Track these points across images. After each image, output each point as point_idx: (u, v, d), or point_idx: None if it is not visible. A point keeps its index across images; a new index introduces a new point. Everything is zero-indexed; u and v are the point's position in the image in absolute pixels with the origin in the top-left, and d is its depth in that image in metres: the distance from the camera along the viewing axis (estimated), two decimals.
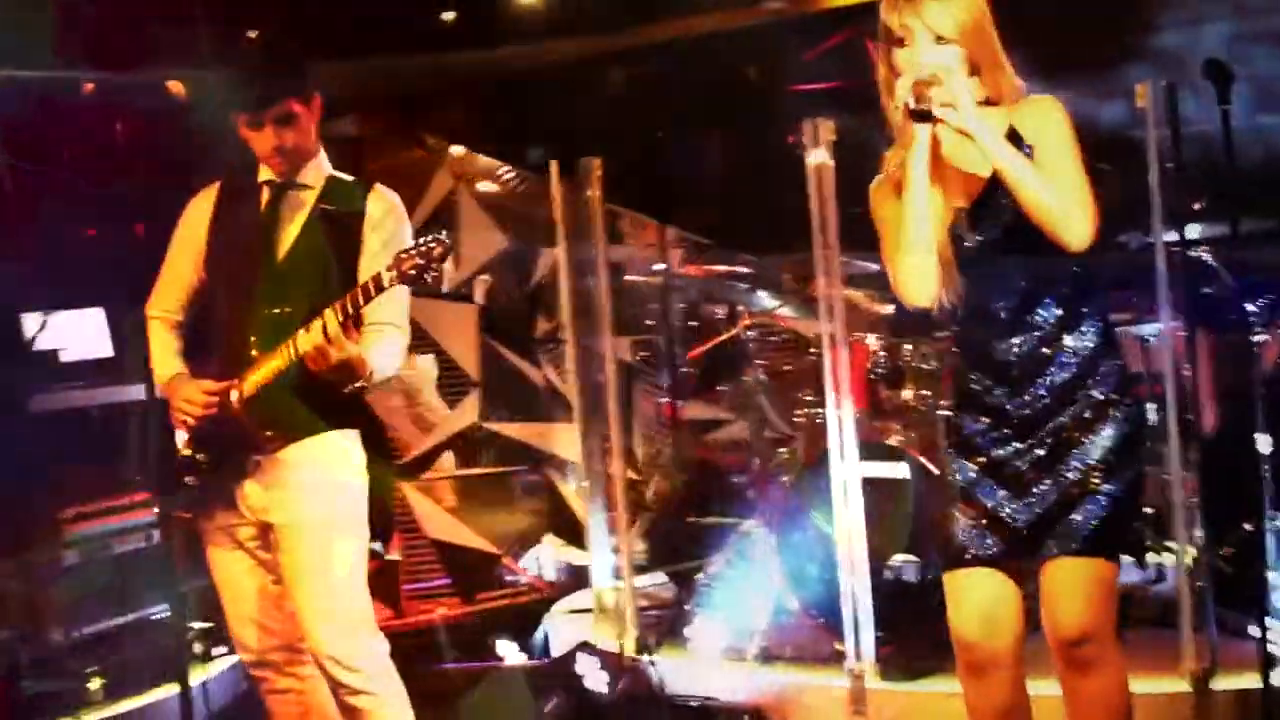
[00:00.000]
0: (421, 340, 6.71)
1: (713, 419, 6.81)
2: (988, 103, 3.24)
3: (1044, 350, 3.29)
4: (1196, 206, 5.04)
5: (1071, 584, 3.24)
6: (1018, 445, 3.31)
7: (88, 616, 5.28)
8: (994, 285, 3.29)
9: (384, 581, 6.82)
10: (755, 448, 5.98)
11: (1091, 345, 3.29)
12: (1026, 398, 3.30)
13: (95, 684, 5.19)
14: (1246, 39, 5.53)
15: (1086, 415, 3.28)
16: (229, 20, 5.29)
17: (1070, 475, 3.27)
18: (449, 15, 5.71)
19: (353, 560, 3.85)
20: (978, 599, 3.32)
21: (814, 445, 5.22)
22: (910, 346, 5.18)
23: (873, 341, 5.27)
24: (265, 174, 3.87)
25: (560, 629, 5.93)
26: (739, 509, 5.72)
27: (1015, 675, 3.36)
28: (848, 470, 4.73)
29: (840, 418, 4.73)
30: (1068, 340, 3.28)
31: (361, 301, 3.51)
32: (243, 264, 3.86)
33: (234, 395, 3.75)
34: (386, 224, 3.85)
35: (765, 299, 5.81)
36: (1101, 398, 3.29)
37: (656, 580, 6.19)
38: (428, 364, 6.93)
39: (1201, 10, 5.40)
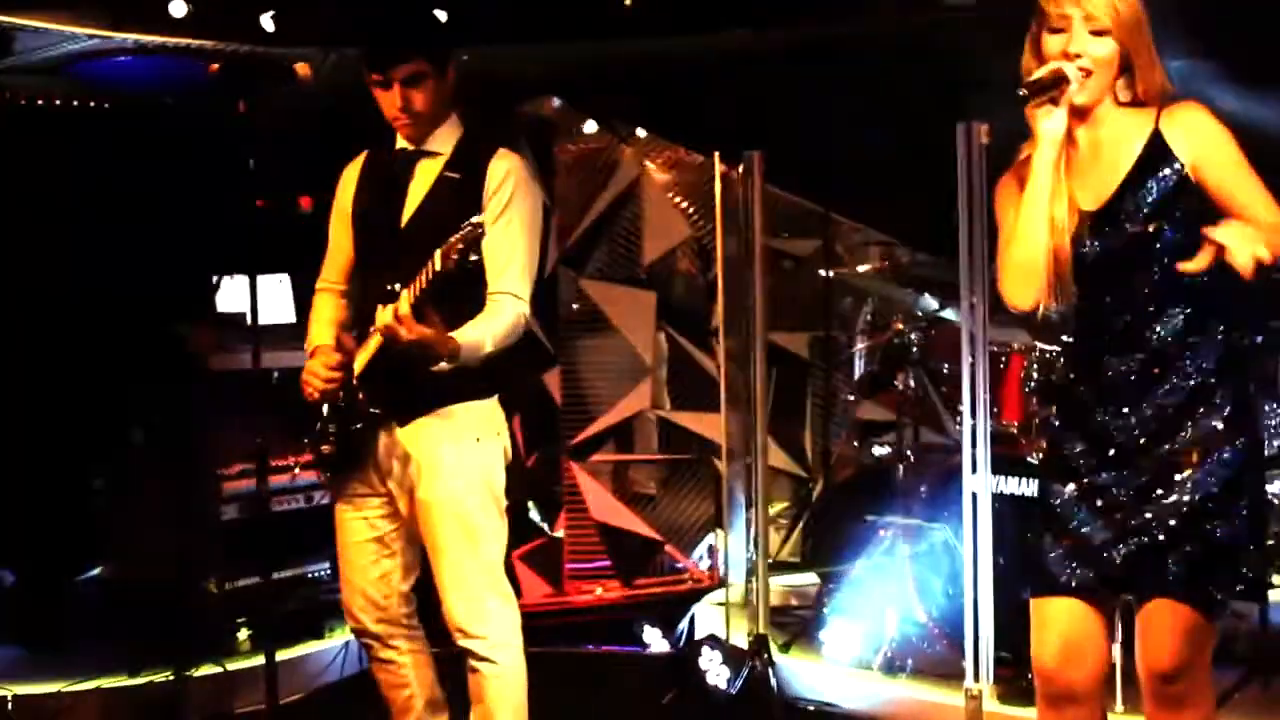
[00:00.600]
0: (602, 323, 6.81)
1: (884, 420, 6.69)
2: (1135, 102, 3.10)
3: (1156, 370, 3.08)
4: None
5: (1167, 627, 3.04)
6: (1120, 472, 3.10)
7: (243, 570, 5.50)
8: (1111, 297, 3.11)
9: (547, 558, 6.96)
10: (906, 452, 5.85)
11: (1209, 369, 3.07)
12: (1134, 420, 3.09)
13: (243, 634, 5.43)
14: None
15: (1197, 445, 3.05)
16: None
17: (1175, 510, 3.04)
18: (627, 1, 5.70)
19: (477, 533, 3.88)
20: (1062, 630, 3.15)
21: (951, 455, 5.09)
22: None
23: (1037, 353, 5.11)
24: (401, 141, 3.93)
25: (702, 620, 5.92)
26: (891, 513, 5.61)
27: (1094, 711, 3.21)
28: (977, 483, 4.60)
29: (975, 427, 4.60)
30: (1183, 363, 3.08)
31: (425, 284, 3.53)
32: (374, 232, 3.93)
33: (355, 369, 3.83)
34: (504, 189, 3.83)
35: (930, 301, 5.67)
36: (1216, 427, 3.06)
37: (807, 580, 6.14)
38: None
39: None
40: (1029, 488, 4.72)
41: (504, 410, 3.99)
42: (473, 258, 3.49)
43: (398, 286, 3.63)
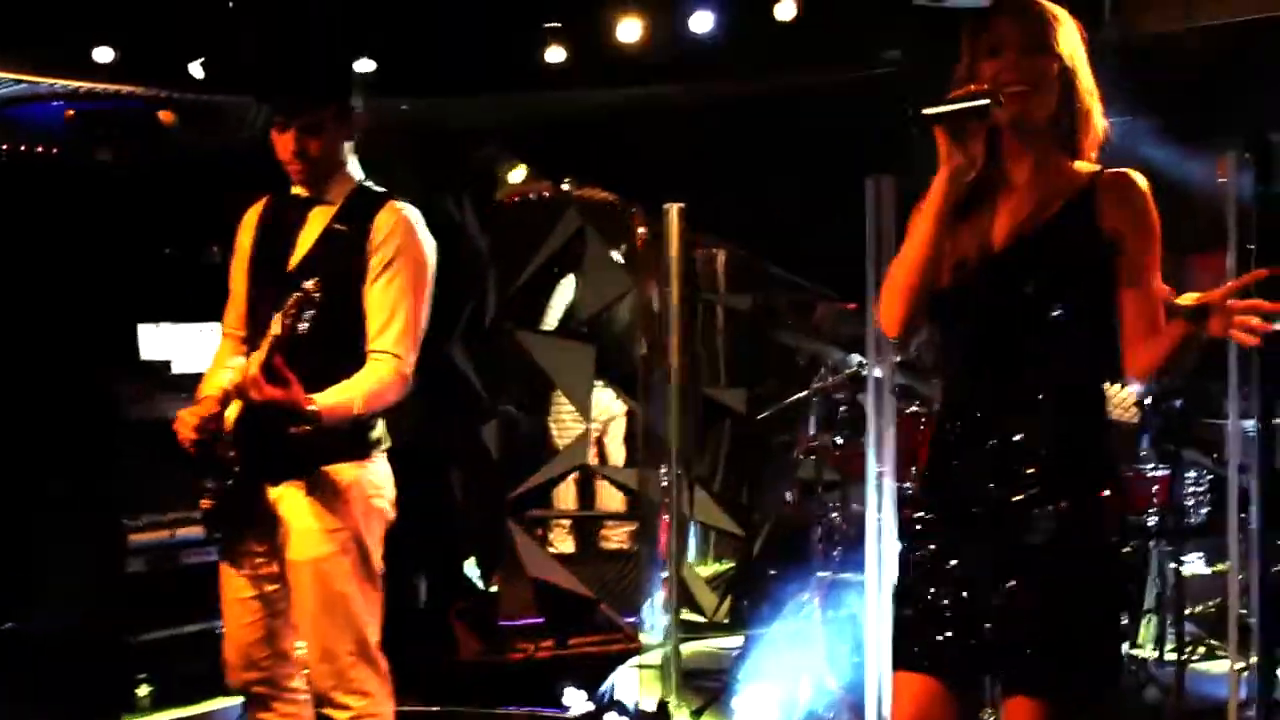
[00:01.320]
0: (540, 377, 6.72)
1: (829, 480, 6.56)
2: (1071, 139, 2.93)
3: (1022, 435, 2.82)
4: None
5: None
6: (978, 545, 2.84)
7: (146, 624, 5.39)
8: (989, 348, 2.87)
9: (480, 613, 6.82)
10: (832, 513, 5.72)
11: (1075, 440, 2.83)
12: (992, 488, 2.83)
13: (143, 690, 5.31)
14: None
15: (1059, 520, 2.79)
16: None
17: (1034, 590, 2.78)
18: (558, 55, 5.66)
19: (345, 599, 3.73)
20: (911, 708, 2.91)
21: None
22: None
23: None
24: (298, 188, 3.85)
25: (623, 683, 5.78)
26: (813, 575, 5.48)
27: None
28: (883, 545, 4.47)
29: (880, 481, 4.47)
30: (1050, 431, 2.82)
31: (268, 349, 3.44)
32: (264, 278, 3.82)
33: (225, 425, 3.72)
34: (389, 244, 3.71)
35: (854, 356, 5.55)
36: (1079, 502, 2.81)
37: (735, 642, 6.00)
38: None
39: None
40: None
41: (436, 463, 3.86)
42: (301, 326, 3.40)
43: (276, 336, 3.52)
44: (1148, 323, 2.81)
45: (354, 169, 3.83)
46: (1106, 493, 2.83)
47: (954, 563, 2.88)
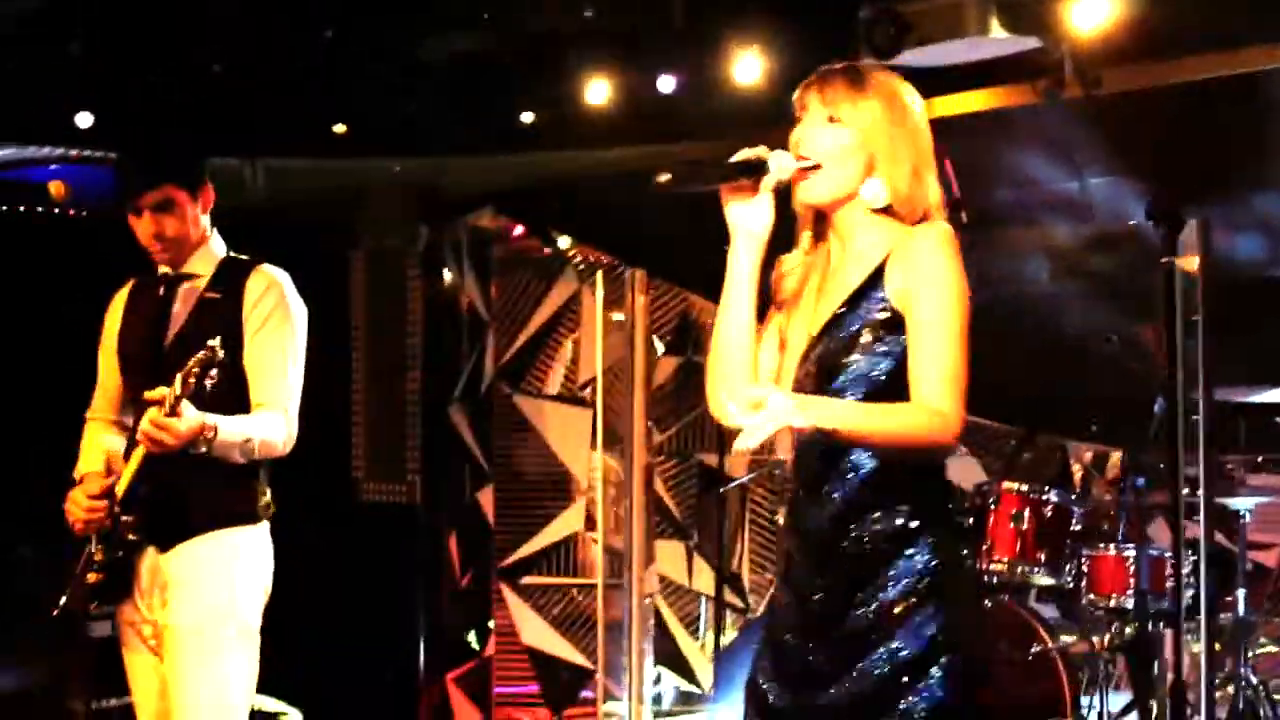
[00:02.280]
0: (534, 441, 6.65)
1: None
2: (888, 211, 2.73)
3: (845, 522, 2.60)
4: None
5: None
6: (818, 636, 2.63)
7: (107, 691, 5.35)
8: (814, 436, 2.58)
9: (478, 681, 6.74)
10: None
11: (902, 523, 2.59)
12: (824, 579, 2.61)
13: None
14: None
15: (893, 608, 2.57)
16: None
17: (869, 684, 2.57)
18: (528, 117, 5.62)
19: (216, 668, 3.69)
20: None
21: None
22: None
23: None
24: (163, 267, 3.87)
25: None
26: None
27: None
28: None
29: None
30: (874, 513, 2.59)
31: (168, 412, 3.42)
32: (139, 359, 3.85)
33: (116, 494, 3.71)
34: (263, 304, 3.74)
35: None
36: (911, 585, 2.58)
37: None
38: None
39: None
40: None
41: (422, 527, 3.81)
42: (208, 382, 3.38)
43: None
44: (915, 375, 2.56)
45: (216, 243, 3.86)
46: (935, 571, 2.59)
47: (802, 653, 2.64)
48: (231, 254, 3.85)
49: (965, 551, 2.87)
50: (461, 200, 6.64)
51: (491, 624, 6.64)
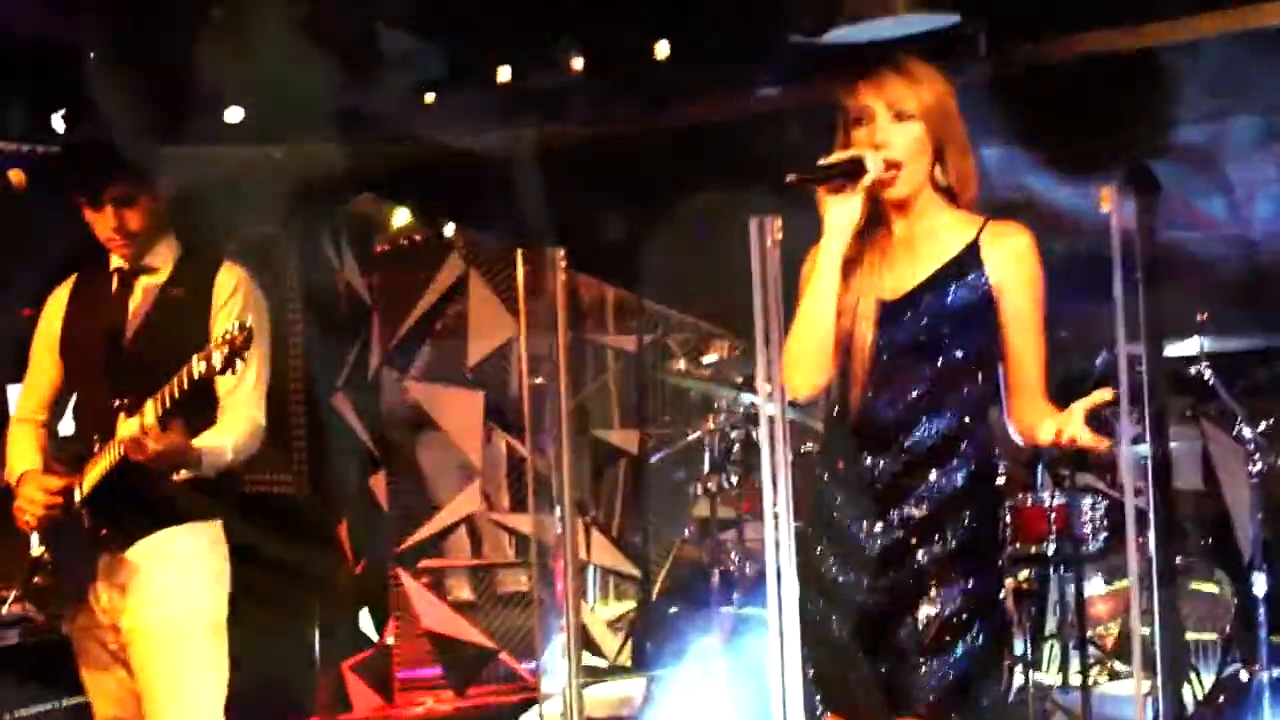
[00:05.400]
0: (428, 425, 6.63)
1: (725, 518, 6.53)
2: (950, 192, 2.97)
3: (904, 480, 2.95)
4: (1200, 318, 4.74)
5: None
6: (868, 584, 2.96)
7: (20, 699, 5.17)
8: (880, 394, 2.96)
9: (377, 668, 6.70)
10: (733, 552, 5.71)
11: (959, 485, 2.93)
12: (879, 529, 2.95)
13: None
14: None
15: (942, 561, 2.92)
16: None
17: (921, 628, 2.92)
18: (429, 97, 5.60)
19: (188, 668, 3.65)
20: None
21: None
22: None
23: None
24: (116, 261, 3.78)
25: None
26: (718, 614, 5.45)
27: None
28: (784, 583, 4.42)
29: (778, 526, 4.43)
30: (933, 476, 2.94)
31: (176, 394, 3.36)
32: (92, 355, 3.76)
33: (76, 493, 3.63)
34: (235, 301, 3.72)
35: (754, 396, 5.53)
36: (960, 543, 2.93)
37: (637, 685, 5.94)
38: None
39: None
40: None
41: (321, 515, 3.80)
42: (239, 361, 3.35)
43: (126, 403, 3.45)
44: (1028, 375, 2.95)
45: (173, 235, 3.81)
46: (981, 534, 2.94)
47: (848, 604, 2.99)
48: (187, 247, 3.80)
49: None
50: (341, 185, 6.56)
51: (390, 610, 6.60)
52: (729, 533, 6.32)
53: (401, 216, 6.83)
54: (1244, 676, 4.65)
